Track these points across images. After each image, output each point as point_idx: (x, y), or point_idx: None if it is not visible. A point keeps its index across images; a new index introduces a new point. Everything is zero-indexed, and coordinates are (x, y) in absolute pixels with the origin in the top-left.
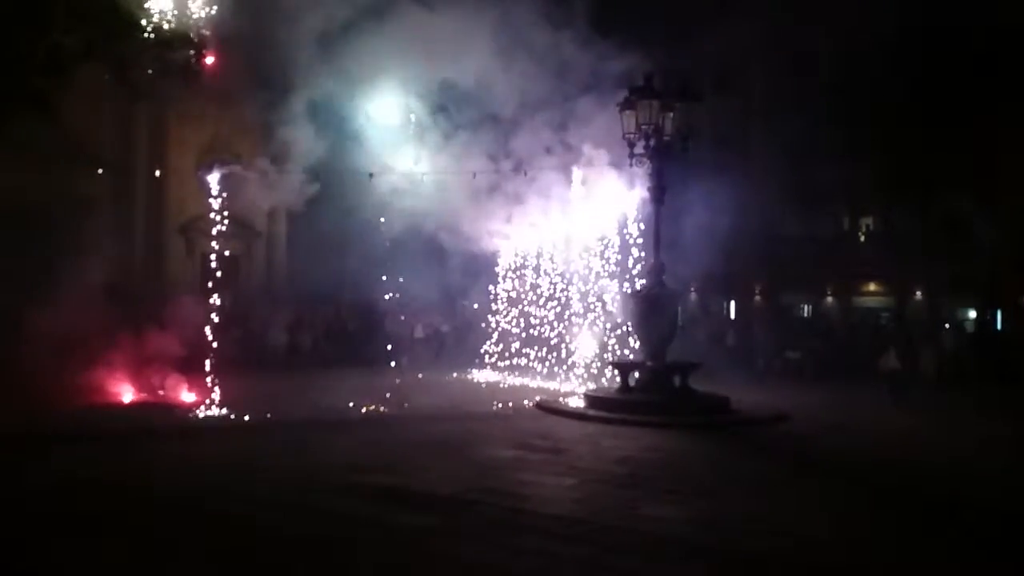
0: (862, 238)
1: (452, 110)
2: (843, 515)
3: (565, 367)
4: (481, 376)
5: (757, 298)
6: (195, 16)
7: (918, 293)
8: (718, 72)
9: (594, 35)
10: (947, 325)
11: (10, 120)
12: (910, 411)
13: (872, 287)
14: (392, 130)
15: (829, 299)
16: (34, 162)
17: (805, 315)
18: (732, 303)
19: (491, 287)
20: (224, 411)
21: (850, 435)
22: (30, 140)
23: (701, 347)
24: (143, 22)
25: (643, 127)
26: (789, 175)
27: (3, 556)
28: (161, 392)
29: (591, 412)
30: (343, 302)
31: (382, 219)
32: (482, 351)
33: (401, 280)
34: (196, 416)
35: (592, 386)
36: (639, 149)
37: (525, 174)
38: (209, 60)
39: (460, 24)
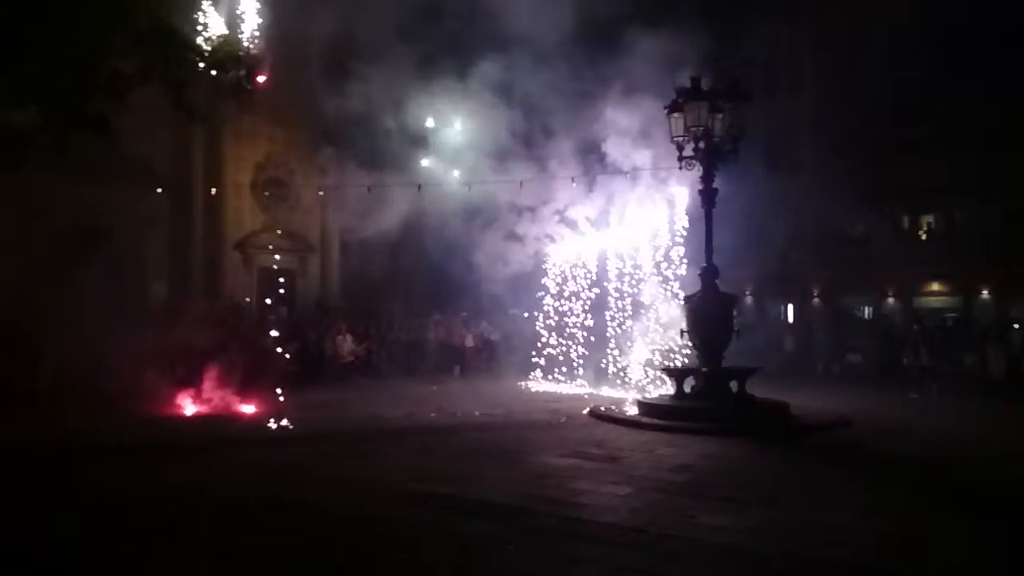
0: (923, 236)
1: (501, 118)
2: (906, 523)
3: (618, 374)
4: (533, 384)
5: (815, 300)
6: (247, 37)
7: (984, 292)
8: (770, 69)
9: (642, 36)
10: (1016, 325)
11: (73, 142)
12: (978, 413)
13: (935, 287)
14: (440, 140)
15: (890, 300)
16: (96, 182)
17: (866, 317)
18: (790, 306)
19: (541, 294)
20: (281, 422)
21: (915, 440)
22: (92, 161)
23: (758, 352)
24: (198, 45)
25: (692, 129)
26: (846, 174)
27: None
28: (221, 404)
29: (646, 420)
30: (395, 313)
31: (432, 229)
32: (534, 359)
33: (452, 290)
34: (254, 427)
35: (646, 393)
36: (688, 152)
37: (573, 181)
38: (261, 79)
39: (506, 31)
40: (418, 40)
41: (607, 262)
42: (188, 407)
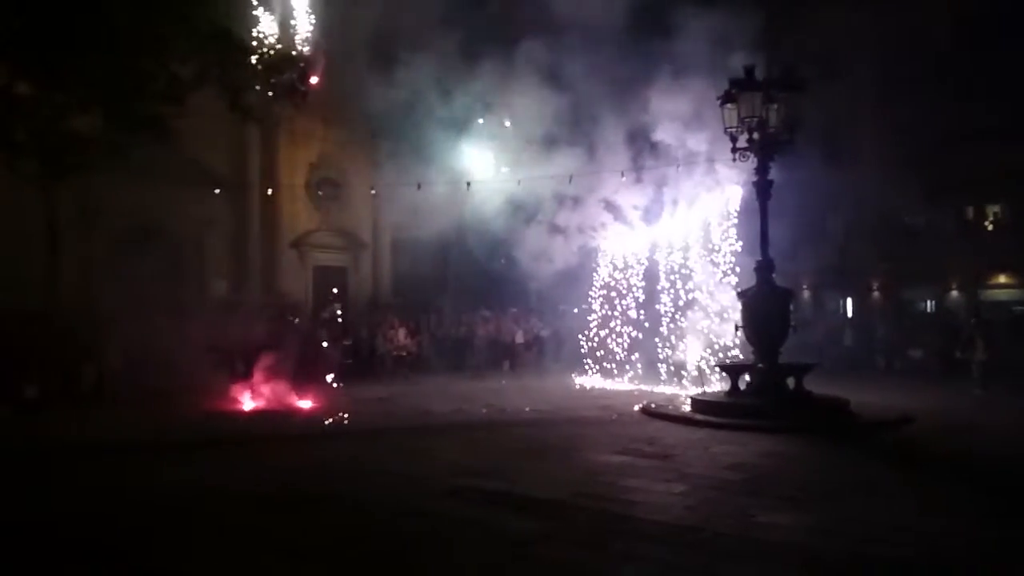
0: (989, 227)
1: (549, 109)
2: (972, 521)
3: (670, 370)
4: (583, 380)
5: (875, 294)
6: (299, 39)
7: None
8: (827, 56)
9: (693, 19)
10: None
11: (133, 145)
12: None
13: (1002, 279)
14: (488, 137)
15: (954, 293)
16: (156, 184)
17: (928, 310)
18: (849, 300)
19: (591, 290)
20: (333, 417)
21: (979, 438)
22: (152, 163)
23: (816, 347)
24: (252, 49)
25: (746, 120)
26: (907, 164)
27: (136, 551)
28: (277, 399)
29: (700, 417)
30: (446, 309)
31: (481, 226)
32: (583, 355)
33: (501, 285)
34: (309, 422)
35: (699, 390)
36: (742, 143)
37: (623, 175)
38: (314, 80)
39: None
40: (465, 31)
41: (658, 255)
42: (246, 402)
